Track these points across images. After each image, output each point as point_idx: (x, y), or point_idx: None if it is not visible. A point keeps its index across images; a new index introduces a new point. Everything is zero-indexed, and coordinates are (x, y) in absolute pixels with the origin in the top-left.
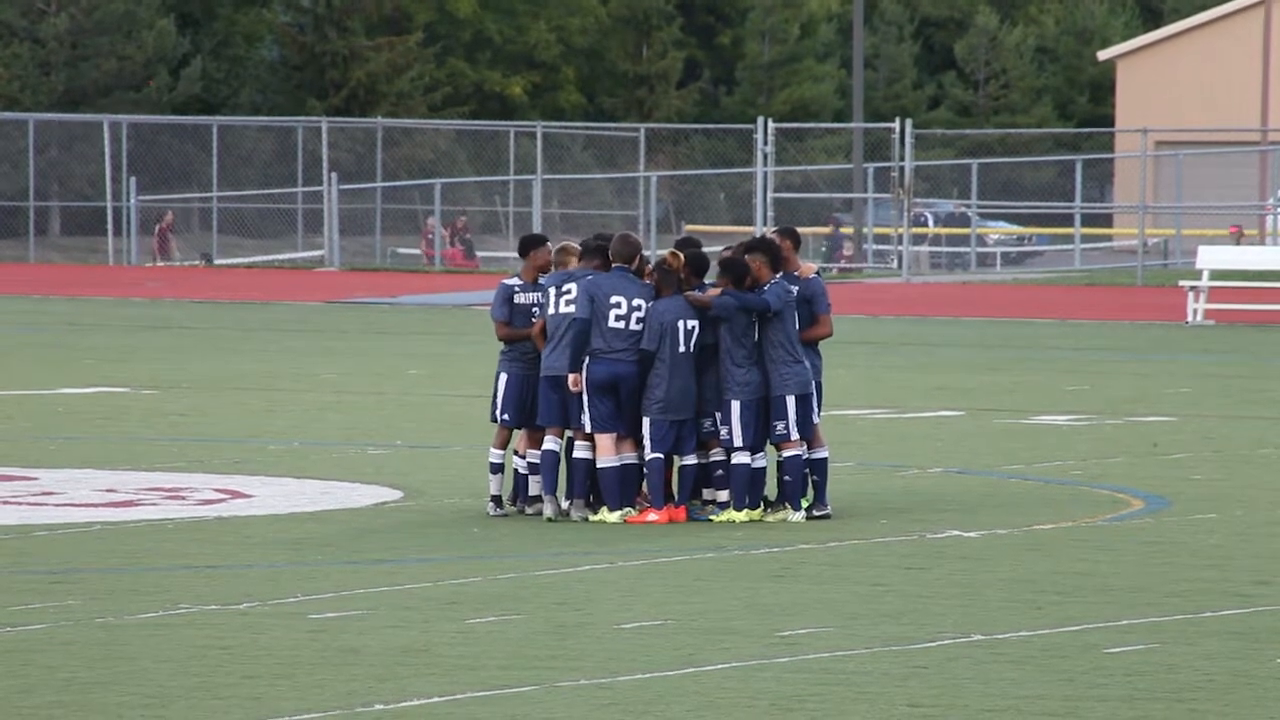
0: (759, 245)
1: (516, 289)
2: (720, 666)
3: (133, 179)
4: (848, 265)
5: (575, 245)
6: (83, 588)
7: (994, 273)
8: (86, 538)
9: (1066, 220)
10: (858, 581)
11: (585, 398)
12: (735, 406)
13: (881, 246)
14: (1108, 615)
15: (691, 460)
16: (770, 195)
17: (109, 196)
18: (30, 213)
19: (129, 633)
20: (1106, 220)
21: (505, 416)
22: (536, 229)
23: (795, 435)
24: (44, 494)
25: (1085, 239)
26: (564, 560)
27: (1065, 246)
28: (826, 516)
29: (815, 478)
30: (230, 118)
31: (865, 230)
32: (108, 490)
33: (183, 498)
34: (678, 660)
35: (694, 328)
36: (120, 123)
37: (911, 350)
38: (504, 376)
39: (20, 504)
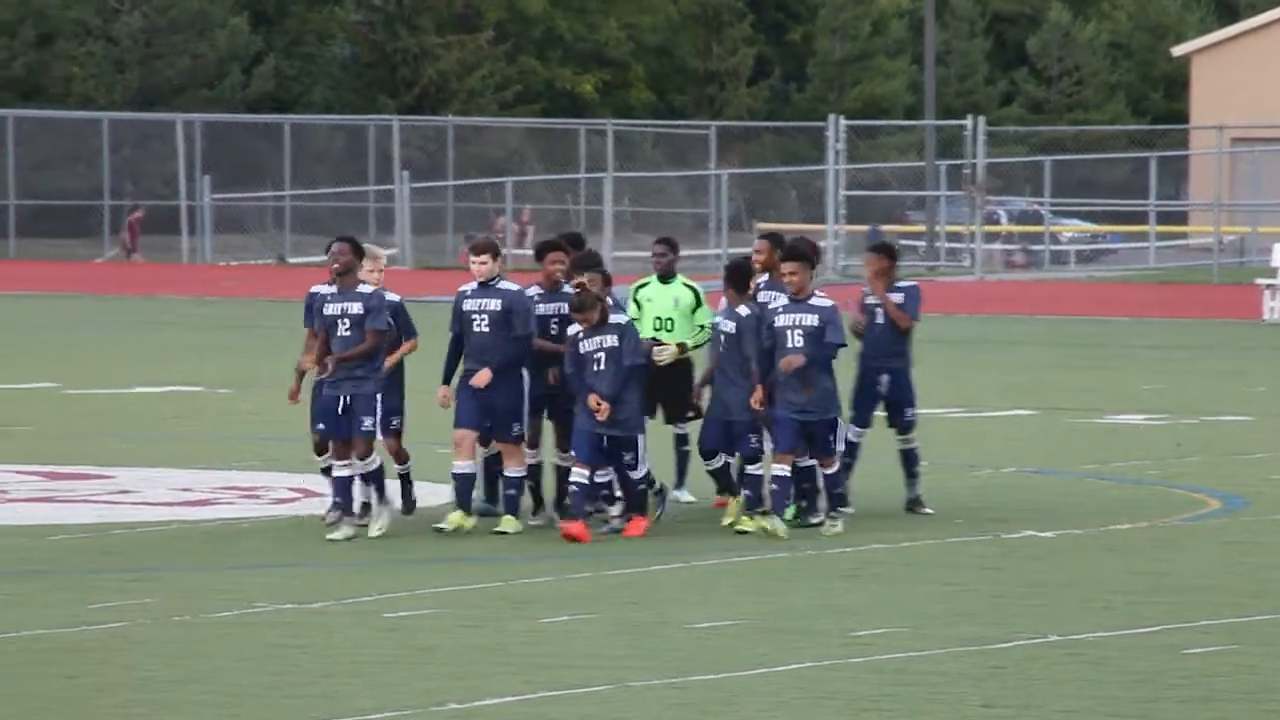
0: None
1: (538, 298)
2: (793, 666)
3: (206, 177)
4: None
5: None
6: (160, 586)
7: (1068, 271)
8: (163, 536)
9: (1141, 218)
10: (932, 581)
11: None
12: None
13: (954, 244)
14: (1185, 616)
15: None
16: (842, 193)
17: (183, 195)
18: (104, 211)
19: (205, 631)
20: (1181, 218)
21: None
22: (607, 227)
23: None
24: (120, 492)
25: (1160, 236)
26: (637, 560)
27: (1140, 244)
28: (821, 524)
29: (805, 484)
30: (302, 116)
31: (938, 228)
32: (183, 489)
33: (258, 497)
34: (750, 660)
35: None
36: (194, 121)
37: (984, 349)
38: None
39: (97, 502)
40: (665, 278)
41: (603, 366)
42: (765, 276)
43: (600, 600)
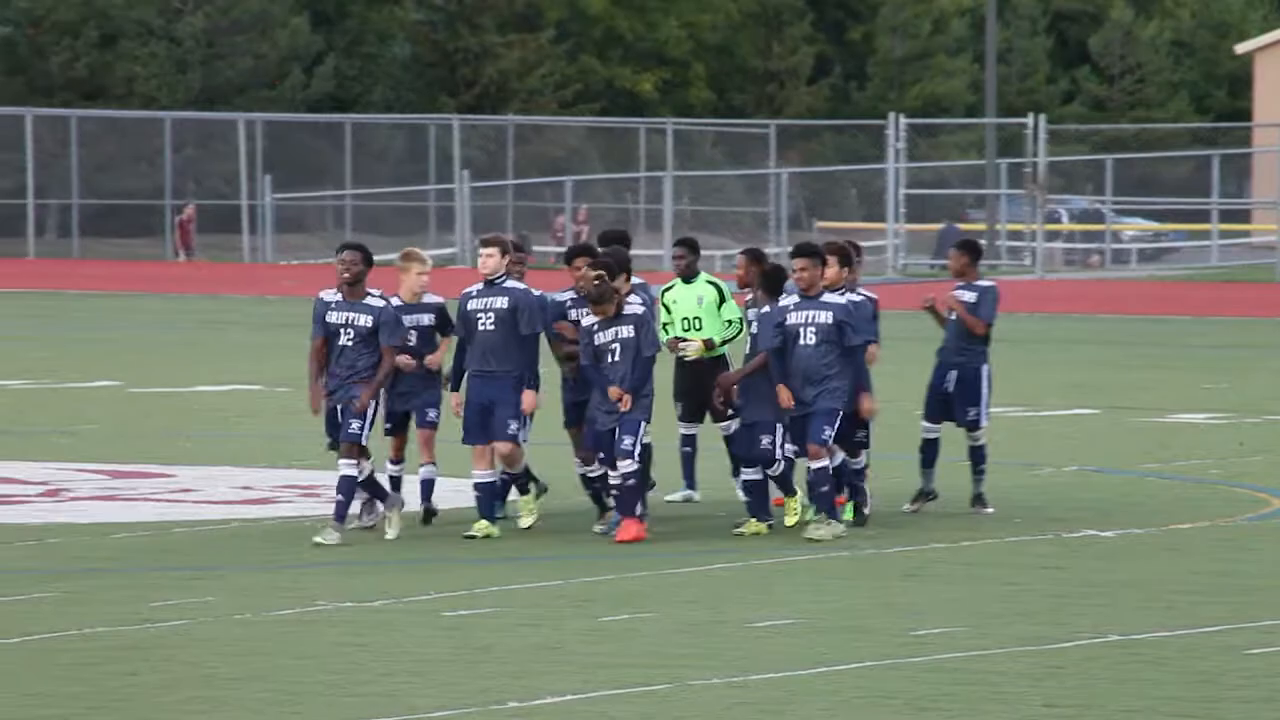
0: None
1: (570, 303)
2: (853, 666)
3: (267, 177)
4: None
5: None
6: (221, 584)
7: (1129, 269)
8: (224, 535)
9: (1203, 216)
10: (992, 581)
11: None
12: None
13: (1015, 243)
14: (1248, 616)
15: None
16: (902, 191)
17: (244, 195)
18: (167, 211)
19: (267, 629)
20: (1244, 216)
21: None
22: (667, 226)
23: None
24: (182, 491)
25: (1222, 235)
26: (697, 559)
27: (1202, 243)
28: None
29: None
30: (363, 115)
31: (998, 226)
32: (244, 487)
33: (318, 495)
34: (810, 659)
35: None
36: (255, 121)
37: (1045, 348)
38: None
39: (159, 501)
40: (688, 278)
41: (618, 358)
42: (748, 294)
43: (660, 599)
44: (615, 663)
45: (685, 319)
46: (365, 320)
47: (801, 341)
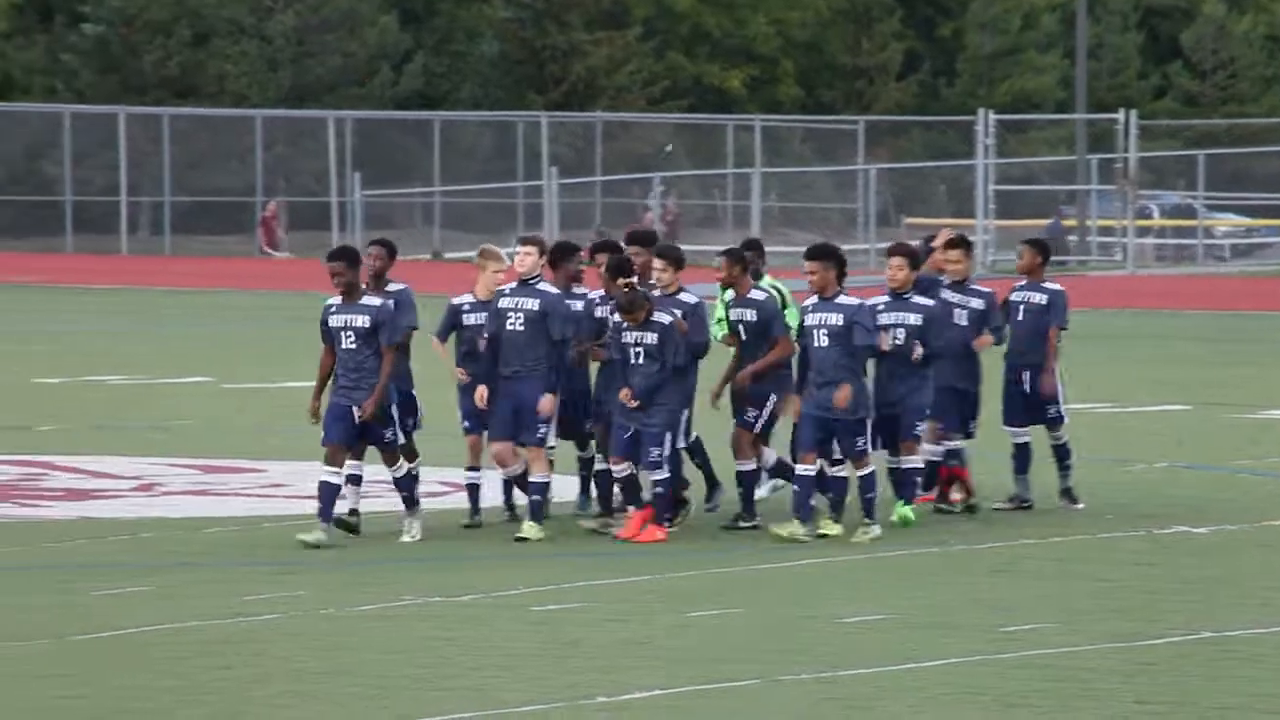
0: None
1: (599, 300)
2: (942, 662)
3: (356, 174)
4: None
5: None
6: (310, 579)
7: (1222, 265)
8: (313, 529)
9: None
10: (1083, 577)
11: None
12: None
13: (1105, 239)
14: None
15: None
16: (991, 188)
17: (333, 192)
18: (257, 208)
19: (355, 624)
20: None
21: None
22: (755, 223)
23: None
24: (272, 486)
25: None
26: (785, 554)
27: None
28: (755, 527)
29: (741, 489)
30: (451, 113)
31: (1089, 222)
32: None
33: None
34: (899, 655)
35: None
36: (345, 118)
37: (1136, 343)
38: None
39: (249, 496)
40: (754, 277)
41: (640, 361)
42: (730, 293)
43: (748, 594)
44: (703, 658)
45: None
46: (363, 321)
47: (815, 344)
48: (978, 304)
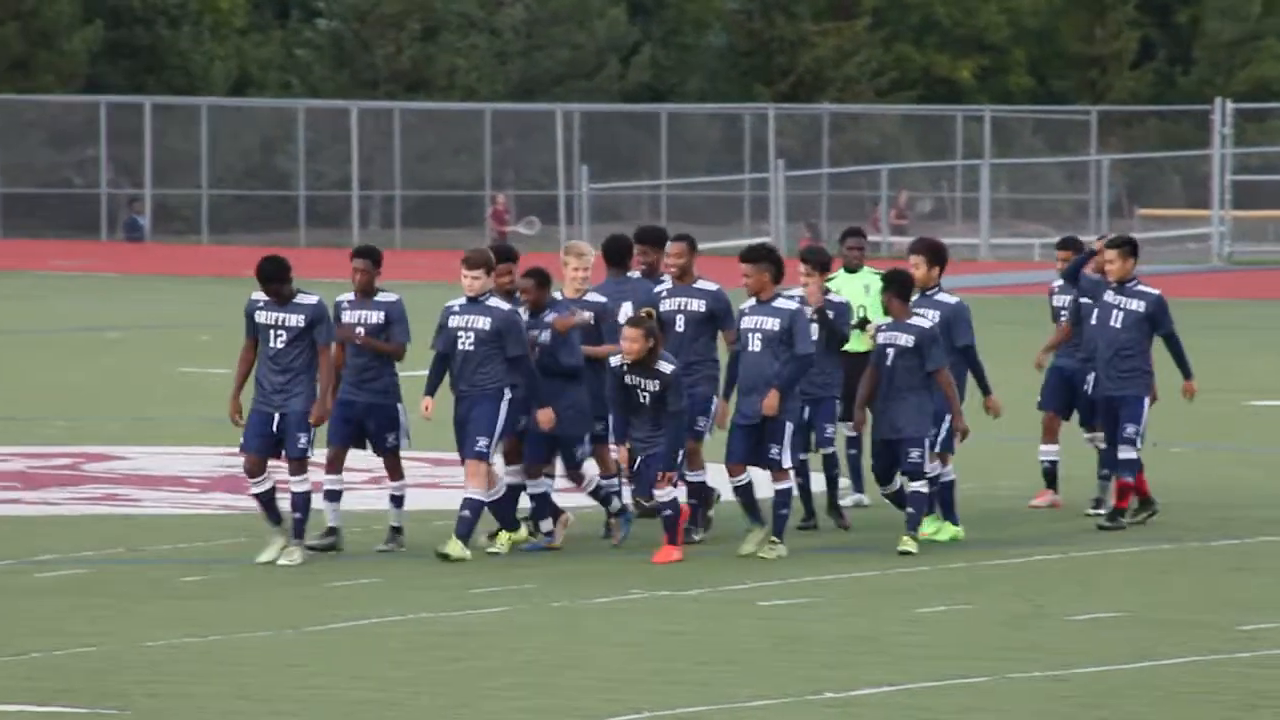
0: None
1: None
2: (1179, 661)
3: (584, 167)
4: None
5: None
6: (539, 572)
7: None
8: None
9: None
10: None
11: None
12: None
13: None
14: None
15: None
16: (1228, 178)
17: (561, 185)
18: (485, 202)
19: (584, 617)
20: None
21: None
22: (984, 215)
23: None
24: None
25: None
26: (1015, 551)
27: None
28: (701, 540)
29: (694, 501)
30: (679, 105)
31: None
32: (560, 475)
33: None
34: (1134, 653)
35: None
36: (573, 111)
37: None
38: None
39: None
40: (854, 269)
41: (647, 402)
42: (668, 281)
43: (977, 590)
44: (933, 654)
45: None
46: (297, 320)
47: (749, 348)
48: (1136, 305)
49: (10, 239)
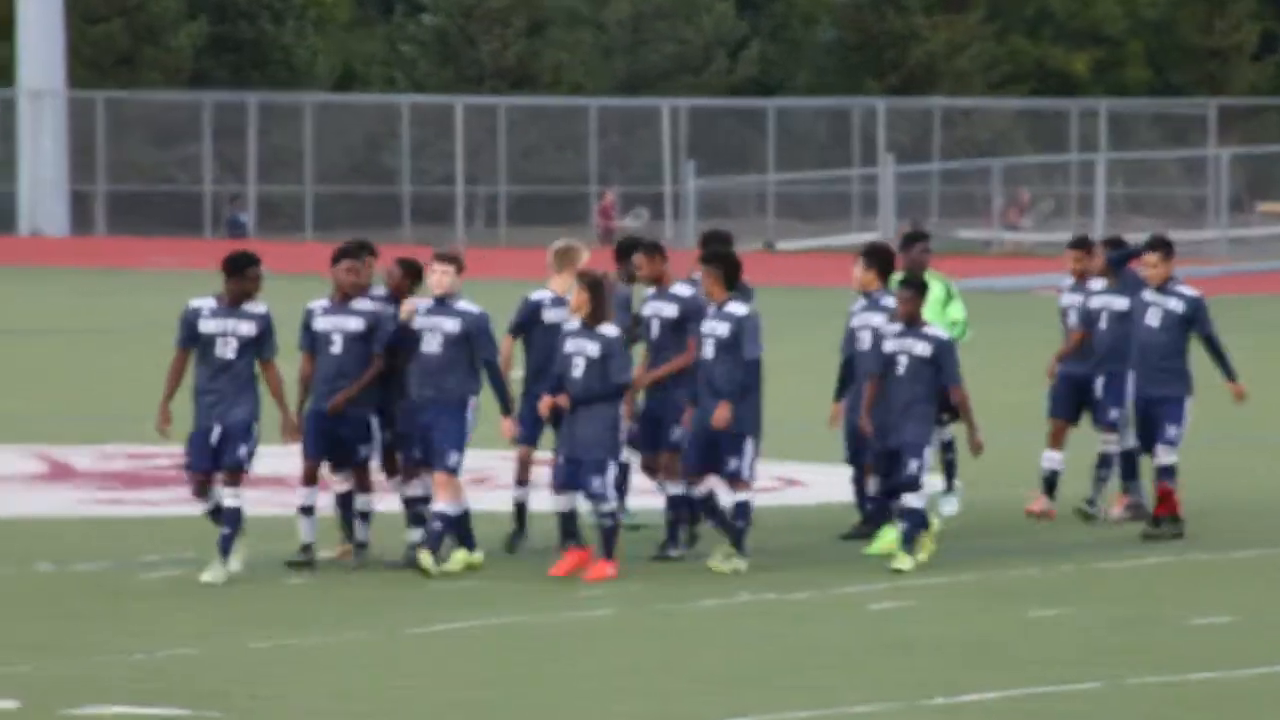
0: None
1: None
2: None
3: (690, 162)
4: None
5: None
6: (643, 573)
7: None
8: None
9: None
10: None
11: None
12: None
13: None
14: None
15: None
16: None
17: (667, 180)
18: (591, 198)
19: (688, 620)
20: None
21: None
22: (1099, 210)
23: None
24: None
25: None
26: (1127, 555)
27: None
28: (681, 558)
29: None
30: (786, 99)
31: None
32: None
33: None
34: (1251, 659)
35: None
36: (679, 107)
37: None
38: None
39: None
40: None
41: (580, 373)
42: (652, 290)
43: (1089, 594)
44: (1044, 659)
45: None
46: (256, 326)
47: (705, 354)
48: (1175, 305)
49: (114, 236)
